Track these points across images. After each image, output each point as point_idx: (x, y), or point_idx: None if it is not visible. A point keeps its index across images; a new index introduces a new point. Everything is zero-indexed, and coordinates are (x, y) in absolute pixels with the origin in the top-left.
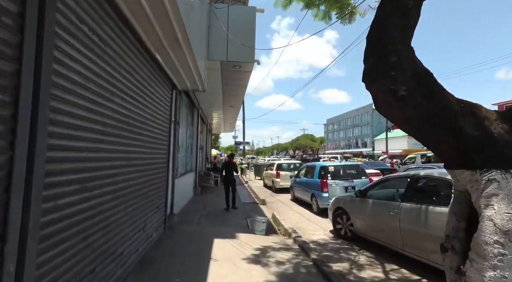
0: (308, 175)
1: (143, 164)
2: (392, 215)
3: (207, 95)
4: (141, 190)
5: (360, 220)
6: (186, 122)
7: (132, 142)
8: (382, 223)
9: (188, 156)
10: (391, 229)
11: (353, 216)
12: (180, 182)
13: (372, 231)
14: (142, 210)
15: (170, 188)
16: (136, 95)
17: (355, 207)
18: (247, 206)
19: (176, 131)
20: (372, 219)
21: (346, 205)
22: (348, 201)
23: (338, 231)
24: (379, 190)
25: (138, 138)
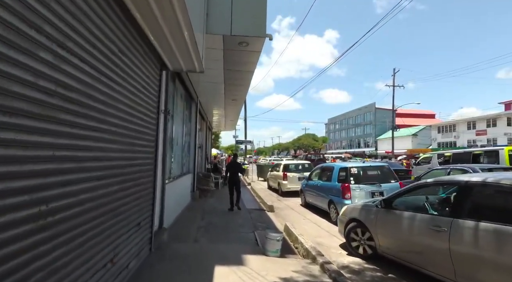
0: (324, 178)
1: (110, 166)
2: (436, 233)
3: (206, 85)
4: (108, 204)
5: (385, 237)
6: (183, 117)
7: (89, 133)
8: (419, 243)
9: (185, 156)
10: (435, 251)
11: (375, 230)
12: (174, 186)
13: (403, 251)
14: (110, 234)
15: (159, 196)
16: (101, 67)
17: (377, 220)
18: (252, 213)
19: (166, 124)
20: (404, 237)
21: (364, 216)
22: (367, 212)
23: (354, 248)
24: (411, 198)
25: (101, 130)
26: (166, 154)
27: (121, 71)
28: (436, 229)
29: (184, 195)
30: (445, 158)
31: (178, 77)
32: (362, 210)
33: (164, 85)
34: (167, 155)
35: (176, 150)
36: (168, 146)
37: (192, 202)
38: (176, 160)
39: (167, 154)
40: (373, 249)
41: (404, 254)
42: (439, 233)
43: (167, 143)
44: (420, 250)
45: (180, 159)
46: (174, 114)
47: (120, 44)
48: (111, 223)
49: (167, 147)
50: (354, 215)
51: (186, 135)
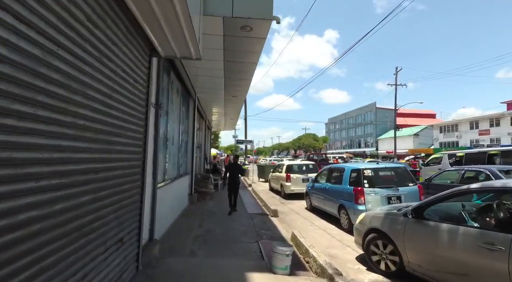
0: (333, 180)
1: (75, 172)
2: (489, 253)
3: (205, 79)
4: (72, 222)
5: (417, 252)
6: (179, 114)
7: (38, 126)
8: (464, 263)
9: (182, 156)
10: (487, 274)
11: (402, 244)
12: (169, 190)
13: (441, 271)
14: (76, 260)
15: (149, 204)
16: (75, 49)
17: (406, 232)
18: (255, 218)
19: (159, 120)
20: (443, 254)
21: (388, 226)
22: (392, 221)
23: (375, 263)
24: (446, 207)
25: (59, 122)
26: (158, 154)
27: (92, 47)
28: (489, 248)
29: (181, 198)
30: (457, 158)
31: (173, 69)
32: (386, 219)
33: (154, 74)
34: (159, 156)
35: (172, 149)
36: (161, 145)
37: (189, 206)
38: (171, 160)
39: (159, 154)
40: (398, 265)
41: (441, 274)
42: (493, 252)
43: (159, 141)
44: (465, 272)
45: (176, 160)
46: (169, 110)
47: (90, 13)
48: (77, 246)
49: (159, 146)
50: (375, 224)
51: (183, 134)
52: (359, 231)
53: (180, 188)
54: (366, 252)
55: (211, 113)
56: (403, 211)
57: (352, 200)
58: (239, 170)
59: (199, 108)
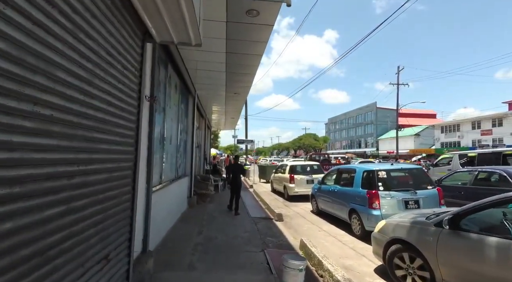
0: (342, 182)
1: (38, 176)
2: None
3: (205, 74)
4: (36, 242)
5: (454, 269)
6: (178, 112)
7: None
8: None
9: (181, 156)
10: None
11: (434, 258)
12: (166, 194)
13: None
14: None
15: (142, 211)
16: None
17: (439, 244)
18: (259, 223)
19: (153, 116)
20: (490, 273)
21: (416, 237)
22: (421, 232)
23: (400, 279)
24: (488, 216)
25: (11, 111)
26: (154, 155)
27: (60, 13)
28: None
29: (179, 202)
30: (468, 158)
31: (171, 62)
32: (413, 229)
33: (149, 63)
34: (154, 156)
35: (169, 149)
36: (157, 145)
37: (189, 209)
38: (169, 161)
39: (155, 155)
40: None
41: None
42: None
43: (154, 140)
44: None
45: (175, 160)
46: (167, 107)
47: None
48: (43, 272)
49: (154, 145)
50: (400, 234)
51: (182, 133)
52: (379, 241)
53: (178, 191)
54: (388, 266)
55: (211, 111)
56: (434, 219)
57: (366, 204)
58: (240, 170)
59: (199, 106)
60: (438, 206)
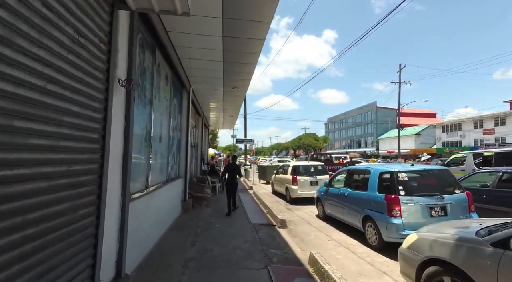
0: (353, 185)
1: None
2: None
3: (200, 64)
4: None
5: None
6: (170, 107)
7: None
8: None
9: (173, 157)
10: None
11: None
12: (153, 200)
13: None
14: None
15: (114, 225)
16: None
17: (500, 270)
18: (260, 231)
19: (131, 105)
20: None
21: (465, 259)
22: (470, 252)
23: None
24: None
25: None
26: (131, 155)
27: None
28: None
29: (171, 207)
30: (484, 158)
31: (160, 48)
32: (458, 248)
33: (123, 38)
34: (131, 156)
35: (159, 149)
36: (141, 143)
37: (182, 215)
38: (158, 162)
39: (133, 154)
40: None
41: None
42: None
43: (131, 136)
44: None
45: (166, 161)
46: (155, 100)
47: None
48: None
49: (131, 142)
50: (439, 253)
51: (175, 131)
52: (409, 260)
53: (170, 195)
54: None
55: (209, 109)
56: (489, 237)
57: (384, 211)
58: (236, 171)
59: (195, 102)
60: (467, 213)
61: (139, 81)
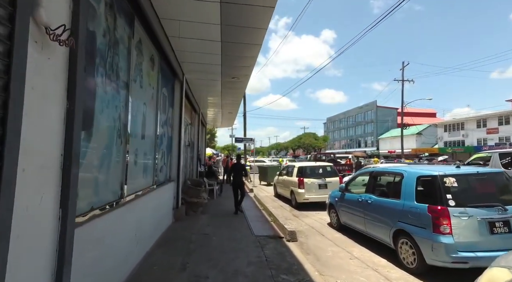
0: (379, 190)
1: None
2: None
3: (193, 45)
4: None
5: None
6: (157, 96)
7: None
8: None
9: (162, 157)
10: None
11: None
12: (128, 214)
13: None
14: None
15: (42, 271)
16: None
17: None
18: (266, 246)
19: (77, 75)
20: None
21: None
22: None
23: None
24: None
25: None
26: (76, 154)
27: None
28: None
29: (159, 218)
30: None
31: (140, 17)
32: None
33: None
34: (75, 157)
35: (141, 146)
36: (109, 137)
37: (174, 224)
38: (139, 163)
39: (74, 154)
40: None
41: None
42: None
43: (79, 126)
44: None
45: (151, 162)
46: (134, 83)
47: None
48: None
49: (78, 135)
50: None
51: (164, 126)
52: None
53: (157, 203)
54: None
55: (206, 105)
56: None
57: (427, 226)
58: (242, 170)
59: (190, 96)
60: None
61: (101, 48)
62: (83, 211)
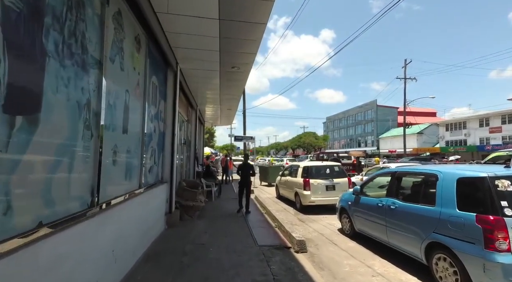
0: (405, 194)
1: None
2: None
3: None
4: None
5: None
6: (144, 84)
7: None
8: None
9: (153, 155)
10: None
11: None
12: (102, 227)
13: None
14: None
15: None
16: None
17: None
18: (271, 259)
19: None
20: None
21: None
22: None
23: None
24: None
25: None
26: None
27: None
28: None
29: (147, 227)
30: None
31: None
32: None
33: None
34: None
35: (122, 142)
36: (70, 130)
37: (166, 232)
38: (120, 163)
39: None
40: None
41: None
42: None
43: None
44: None
45: (138, 161)
46: (111, 64)
47: None
48: None
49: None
50: None
51: (154, 120)
52: None
53: (145, 210)
54: None
55: (204, 101)
56: None
57: (477, 241)
58: (250, 170)
59: (185, 89)
60: None
61: (54, 4)
62: (25, 229)
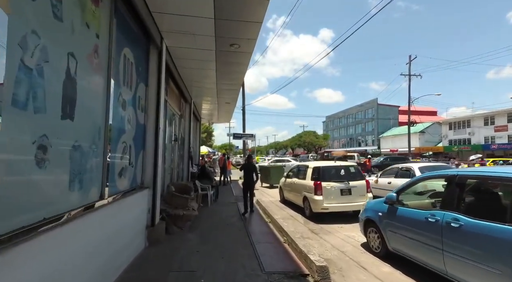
0: (473, 208)
1: None
2: None
3: None
4: None
5: None
6: (110, 56)
7: None
8: None
9: (128, 153)
10: None
11: None
12: (12, 271)
13: None
14: None
15: None
16: None
17: None
18: None
19: None
20: None
21: None
22: None
23: None
24: None
25: None
26: None
27: None
28: None
29: (113, 251)
30: None
31: None
32: None
33: None
34: None
35: (52, 129)
36: None
37: (145, 253)
38: (52, 163)
39: None
40: None
41: None
42: None
43: None
44: None
45: (100, 160)
46: (51, 20)
47: None
48: None
49: None
50: None
51: (130, 108)
52: None
53: (109, 228)
54: None
55: (200, 92)
56: None
57: None
58: (254, 171)
59: (176, 76)
60: None
61: None
62: None
